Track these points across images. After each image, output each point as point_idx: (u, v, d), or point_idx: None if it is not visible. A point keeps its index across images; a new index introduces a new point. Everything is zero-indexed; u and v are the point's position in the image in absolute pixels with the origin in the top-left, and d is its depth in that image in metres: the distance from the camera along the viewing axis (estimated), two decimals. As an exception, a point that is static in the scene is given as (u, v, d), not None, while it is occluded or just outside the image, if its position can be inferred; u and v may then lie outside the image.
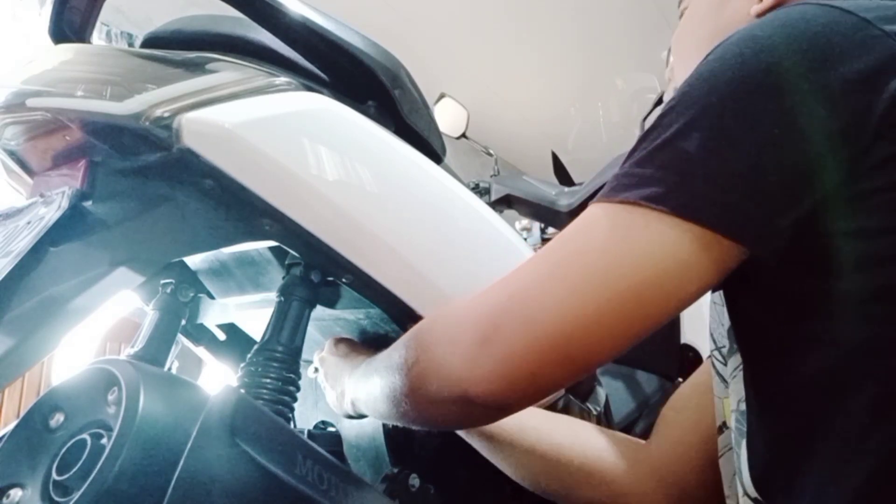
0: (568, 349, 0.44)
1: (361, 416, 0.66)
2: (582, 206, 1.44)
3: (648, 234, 0.42)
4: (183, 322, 0.80)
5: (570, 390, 0.86)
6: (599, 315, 0.43)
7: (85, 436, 0.48)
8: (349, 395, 0.64)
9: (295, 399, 0.63)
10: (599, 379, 0.97)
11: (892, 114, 0.40)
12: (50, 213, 0.52)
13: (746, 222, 0.42)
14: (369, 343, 0.76)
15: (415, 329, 0.54)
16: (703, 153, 0.42)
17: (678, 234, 0.42)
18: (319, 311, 0.69)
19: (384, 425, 0.71)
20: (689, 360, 1.55)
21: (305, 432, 0.79)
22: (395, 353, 0.54)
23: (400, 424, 0.58)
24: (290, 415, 0.63)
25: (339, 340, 0.74)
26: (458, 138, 1.74)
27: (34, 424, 0.51)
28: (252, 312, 0.80)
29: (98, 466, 0.43)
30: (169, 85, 0.54)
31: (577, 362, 0.45)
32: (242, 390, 0.60)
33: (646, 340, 0.46)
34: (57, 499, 0.47)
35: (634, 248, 0.43)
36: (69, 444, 0.49)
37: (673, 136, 0.44)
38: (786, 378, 0.46)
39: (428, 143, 0.73)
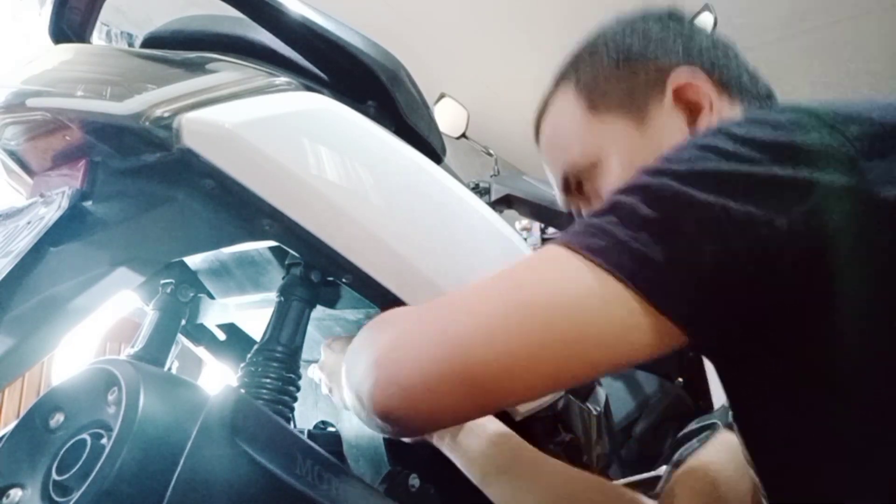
0: (477, 377, 0.42)
1: None
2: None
3: (593, 289, 0.41)
4: (183, 322, 0.80)
5: (571, 390, 0.86)
6: (519, 352, 0.41)
7: (85, 436, 0.48)
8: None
9: (295, 399, 0.63)
10: (599, 379, 0.98)
11: None
12: (50, 213, 0.52)
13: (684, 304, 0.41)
14: None
15: (369, 322, 0.53)
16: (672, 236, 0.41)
17: (621, 297, 0.41)
18: (319, 311, 0.69)
19: None
20: (689, 359, 1.55)
21: (305, 432, 0.79)
22: (353, 343, 0.53)
23: None
24: (290, 415, 0.63)
25: (335, 340, 0.74)
26: (458, 138, 1.74)
27: (34, 424, 0.51)
28: (252, 312, 0.80)
29: (98, 466, 0.43)
30: (169, 85, 0.54)
31: (484, 393, 0.42)
32: (242, 390, 0.60)
33: None
34: (57, 499, 0.47)
35: (577, 299, 0.41)
36: (69, 445, 0.49)
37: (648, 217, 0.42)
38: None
39: (428, 143, 0.73)
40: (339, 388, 0.68)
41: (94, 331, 1.90)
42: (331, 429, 0.81)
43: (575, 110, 0.69)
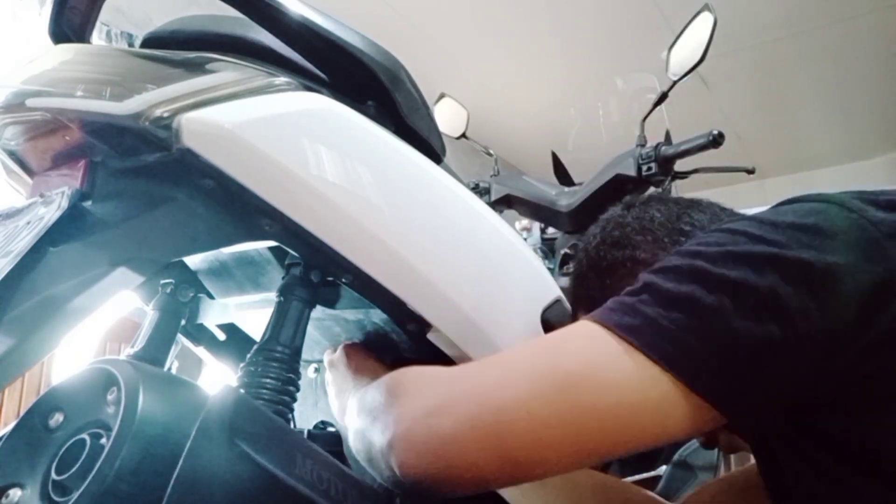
0: (512, 450, 0.42)
1: None
2: (582, 205, 1.43)
3: (628, 368, 0.42)
4: (183, 322, 0.80)
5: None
6: (553, 430, 0.42)
7: (84, 436, 0.48)
8: (347, 416, 0.64)
9: (295, 399, 0.63)
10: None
11: None
12: (50, 213, 0.52)
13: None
14: (378, 348, 0.76)
15: (383, 380, 0.53)
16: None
17: (656, 378, 0.41)
18: (319, 311, 0.69)
19: None
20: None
21: (305, 432, 0.79)
22: (366, 399, 0.54)
23: None
24: (290, 415, 0.63)
25: (352, 350, 0.74)
26: (458, 138, 1.73)
27: (34, 424, 0.51)
28: (252, 312, 0.80)
29: (97, 466, 0.43)
30: (169, 85, 0.54)
31: (517, 465, 0.43)
32: (242, 390, 0.60)
33: None
34: (56, 498, 0.47)
35: (611, 376, 0.42)
36: (68, 444, 0.49)
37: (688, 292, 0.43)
38: None
39: (428, 143, 0.73)
40: (335, 405, 0.68)
41: (94, 331, 1.90)
42: (331, 429, 0.81)
43: None
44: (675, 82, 1.35)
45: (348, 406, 0.62)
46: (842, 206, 0.45)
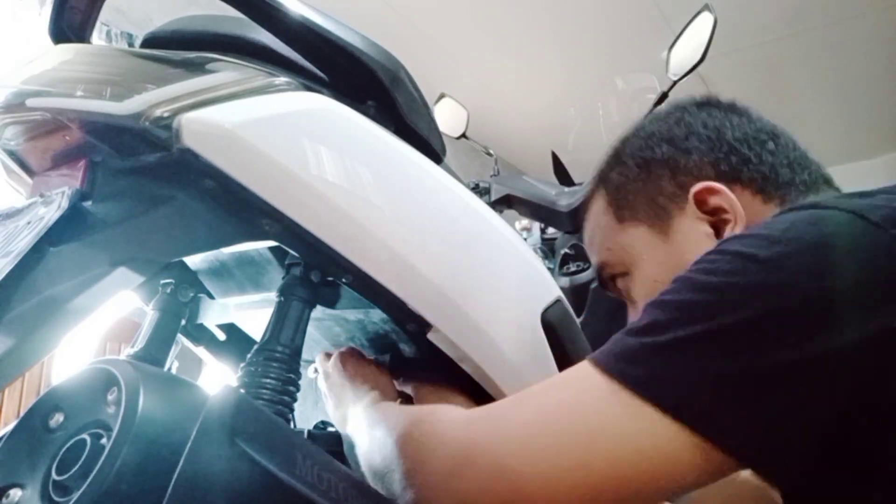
0: (528, 498, 0.43)
1: None
2: (582, 206, 1.44)
3: (643, 425, 0.41)
4: (183, 322, 0.80)
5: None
6: (569, 487, 0.42)
7: (84, 436, 0.48)
8: (350, 428, 0.65)
9: (295, 399, 0.63)
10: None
11: None
12: (50, 213, 0.52)
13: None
14: (375, 347, 0.76)
15: (407, 428, 0.53)
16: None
17: (673, 433, 0.41)
18: (319, 310, 0.69)
19: None
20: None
21: (305, 432, 0.79)
22: (387, 445, 0.54)
23: None
24: (290, 415, 0.62)
25: (348, 357, 0.74)
26: (458, 138, 1.74)
27: (34, 424, 0.51)
28: (252, 312, 0.79)
29: (97, 466, 0.43)
30: (169, 85, 0.54)
31: None
32: (242, 390, 0.60)
33: None
34: (56, 499, 0.47)
35: (627, 433, 0.42)
36: (69, 444, 0.49)
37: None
38: None
39: (428, 143, 0.73)
40: (332, 413, 0.68)
41: (94, 331, 1.90)
42: (331, 429, 0.81)
43: (606, 219, 0.71)
44: (675, 82, 1.35)
45: (352, 421, 0.62)
46: (839, 210, 0.44)
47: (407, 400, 0.74)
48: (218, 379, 1.05)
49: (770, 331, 0.40)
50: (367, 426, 0.61)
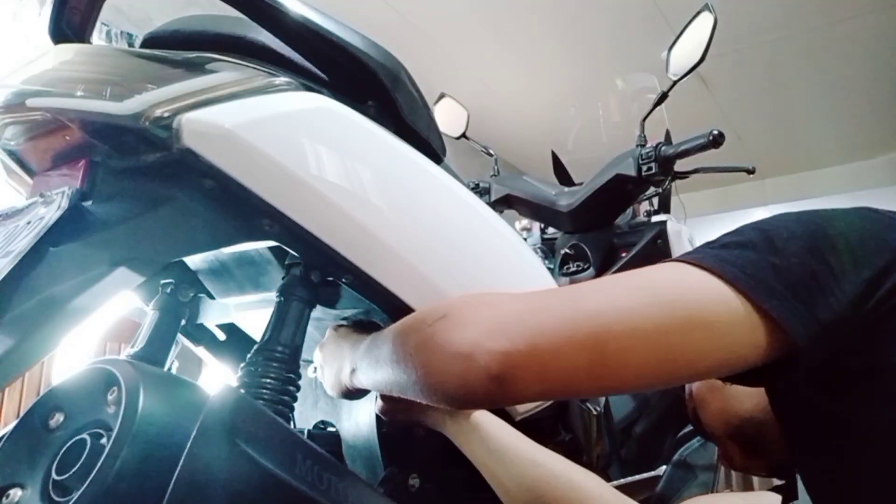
0: (602, 347, 0.44)
1: (357, 395, 0.65)
2: (582, 205, 1.44)
3: (711, 290, 0.45)
4: (183, 322, 0.80)
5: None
6: (644, 332, 0.44)
7: (85, 436, 0.48)
8: (348, 366, 0.63)
9: (295, 399, 0.63)
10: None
11: None
12: (50, 213, 0.52)
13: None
14: (370, 329, 0.75)
15: (450, 299, 0.54)
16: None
17: (730, 297, 0.45)
18: (319, 310, 0.69)
19: (379, 426, 0.71)
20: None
21: (305, 432, 0.79)
22: (416, 313, 0.55)
23: (392, 392, 0.56)
24: (290, 415, 0.62)
25: (339, 325, 0.74)
26: (458, 138, 1.73)
27: (34, 424, 0.51)
28: (252, 312, 0.80)
29: (98, 466, 0.43)
30: (169, 85, 0.54)
31: (604, 365, 0.44)
32: (242, 390, 0.60)
33: None
34: (57, 498, 0.47)
35: (697, 295, 0.45)
36: (69, 444, 0.49)
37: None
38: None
39: (428, 143, 0.73)
40: (332, 372, 0.68)
41: (94, 331, 1.91)
42: (330, 429, 0.81)
43: None
44: (675, 82, 1.35)
45: (360, 350, 0.61)
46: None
47: None
48: (218, 379, 1.05)
49: (806, 247, 0.47)
50: (373, 340, 0.60)
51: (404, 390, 0.52)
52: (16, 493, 0.48)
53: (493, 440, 0.68)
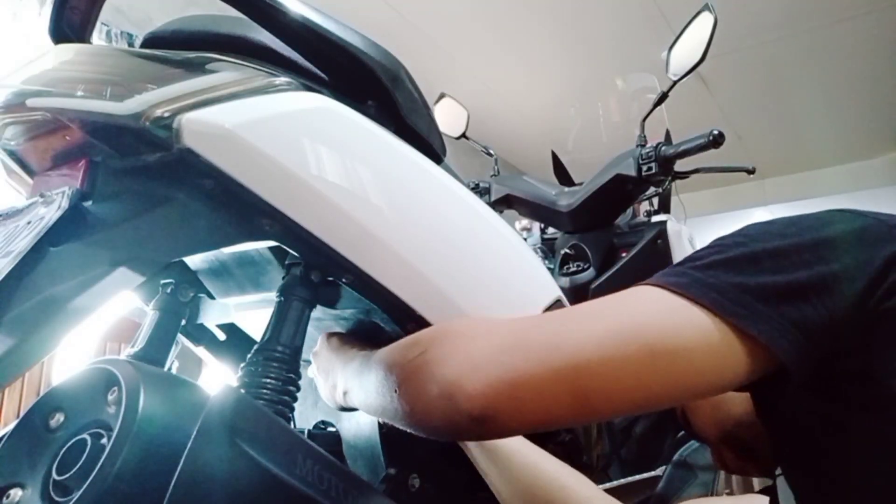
0: (584, 386, 0.44)
1: (354, 409, 0.66)
2: (582, 205, 1.44)
3: (688, 318, 0.45)
4: (183, 322, 0.80)
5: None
6: (625, 368, 0.44)
7: (85, 436, 0.48)
8: (341, 387, 0.64)
9: (295, 399, 0.63)
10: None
11: None
12: (50, 213, 0.52)
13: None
14: (362, 337, 0.76)
15: (432, 327, 0.55)
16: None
17: (712, 325, 0.45)
18: (319, 310, 0.69)
19: (380, 426, 0.71)
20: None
21: (305, 432, 0.79)
22: (399, 345, 0.54)
23: (384, 420, 0.57)
24: (290, 415, 0.63)
25: (331, 335, 0.74)
26: (458, 138, 1.73)
27: (34, 424, 0.51)
28: (252, 312, 0.80)
29: (98, 466, 0.43)
30: (169, 85, 0.54)
31: (585, 401, 0.45)
32: (242, 390, 0.60)
33: None
34: (57, 498, 0.47)
35: (674, 324, 0.45)
36: (69, 444, 0.49)
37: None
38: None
39: (428, 143, 0.73)
40: (326, 386, 0.68)
41: (94, 331, 1.91)
42: (331, 429, 0.81)
43: None
44: (675, 82, 1.35)
45: (349, 372, 0.62)
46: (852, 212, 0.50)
47: None
48: (218, 379, 1.05)
49: (790, 258, 0.47)
50: (361, 364, 0.61)
51: (394, 421, 0.53)
52: (16, 493, 0.48)
53: (491, 441, 0.68)
